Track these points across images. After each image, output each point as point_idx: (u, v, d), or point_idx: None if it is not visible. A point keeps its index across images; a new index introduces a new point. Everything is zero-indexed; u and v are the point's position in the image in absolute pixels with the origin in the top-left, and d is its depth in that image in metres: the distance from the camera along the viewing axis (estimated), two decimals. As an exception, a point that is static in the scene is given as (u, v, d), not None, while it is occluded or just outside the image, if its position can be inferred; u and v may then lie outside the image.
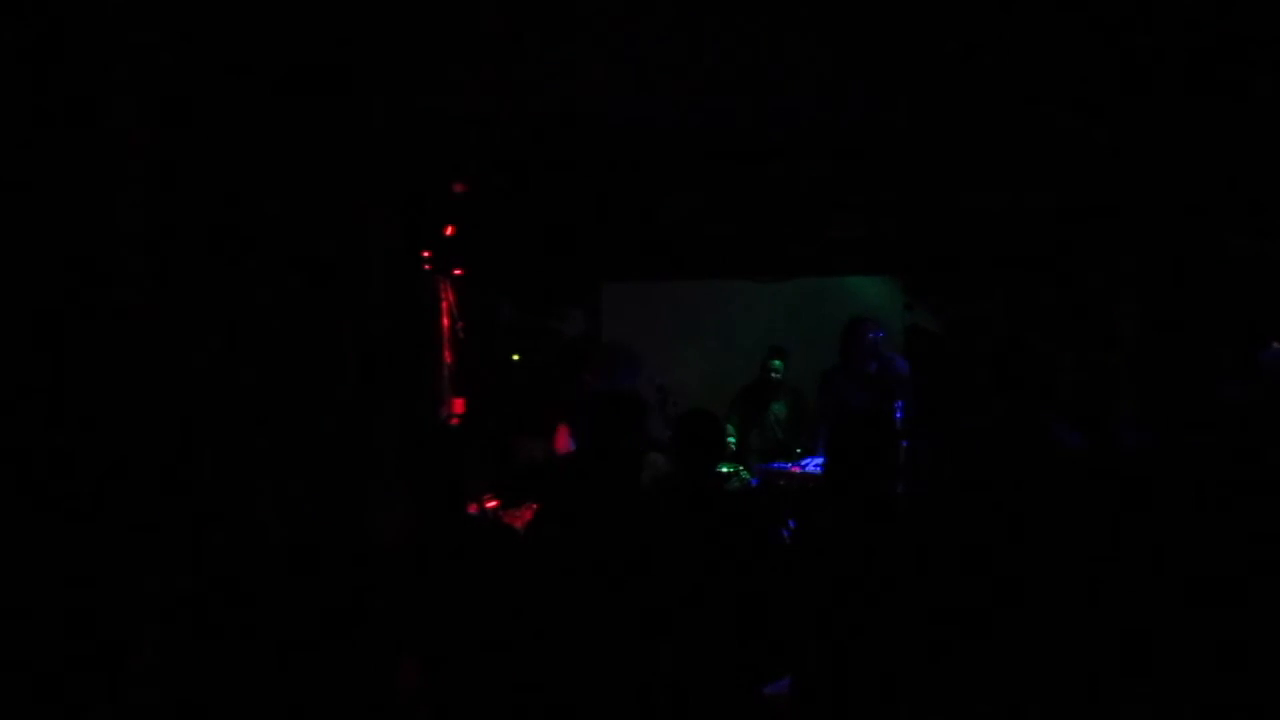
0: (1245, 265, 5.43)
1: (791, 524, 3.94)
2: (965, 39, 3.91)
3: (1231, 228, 5.47)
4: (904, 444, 4.31)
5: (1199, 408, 4.13)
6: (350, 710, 2.90)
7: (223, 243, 3.12)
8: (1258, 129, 4.76)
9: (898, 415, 5.11)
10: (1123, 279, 5.88)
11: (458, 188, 5.20)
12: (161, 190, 2.76)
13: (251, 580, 3.00)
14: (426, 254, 5.37)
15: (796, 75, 4.17)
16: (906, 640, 2.75)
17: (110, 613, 2.49)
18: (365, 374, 4.38)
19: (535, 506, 5.60)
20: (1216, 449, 3.23)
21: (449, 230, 5.46)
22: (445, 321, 5.85)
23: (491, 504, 5.39)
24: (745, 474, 5.78)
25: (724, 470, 5.48)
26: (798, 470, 5.61)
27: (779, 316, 7.42)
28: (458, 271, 5.96)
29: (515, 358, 7.04)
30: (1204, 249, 5.54)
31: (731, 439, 6.32)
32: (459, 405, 6.02)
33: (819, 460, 5.52)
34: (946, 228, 5.71)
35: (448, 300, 5.88)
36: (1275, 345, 4.67)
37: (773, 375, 6.52)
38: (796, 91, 4.34)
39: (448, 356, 5.90)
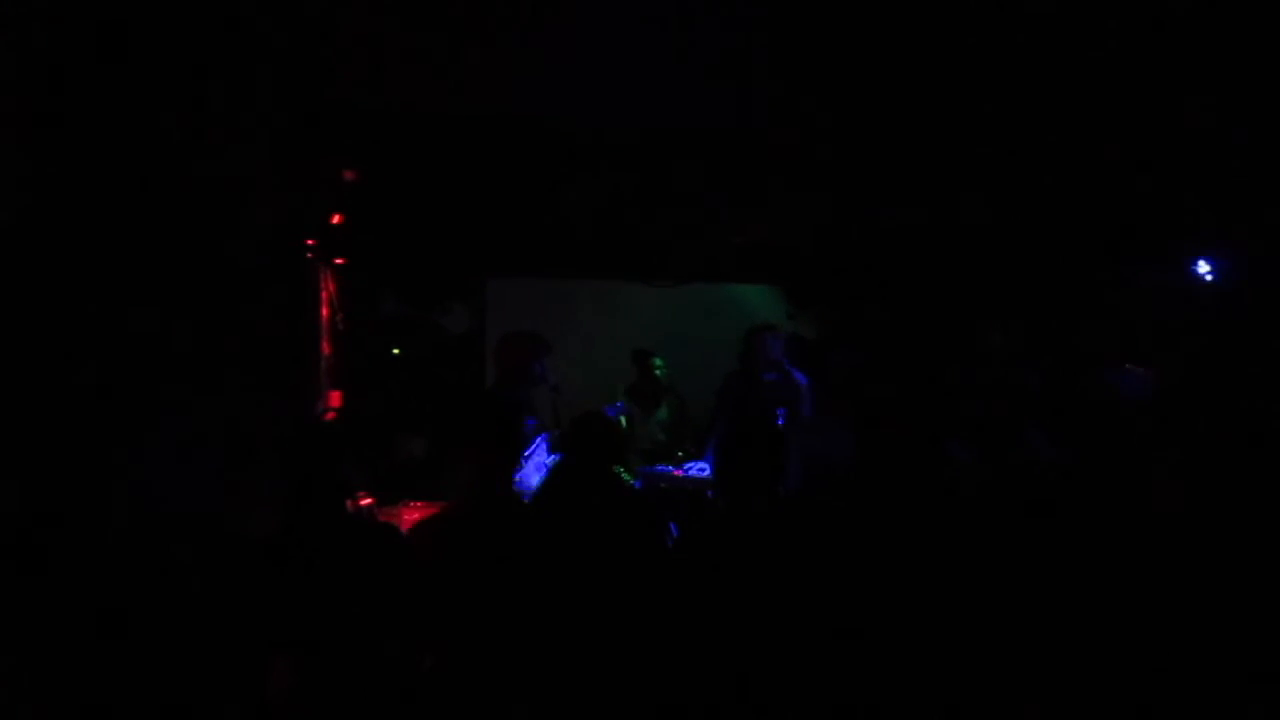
0: (1107, 291, 5.77)
1: (674, 529, 3.96)
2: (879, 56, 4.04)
3: (1094, 259, 5.80)
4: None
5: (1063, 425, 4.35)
6: (221, 711, 2.76)
7: (93, 222, 2.94)
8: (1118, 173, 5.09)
9: (779, 423, 5.21)
10: (992, 302, 6.16)
11: (348, 175, 5.04)
12: (33, 163, 2.59)
13: (113, 576, 2.84)
14: (310, 241, 5.19)
15: (700, 75, 4.21)
16: (790, 644, 2.79)
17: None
18: (238, 362, 4.20)
19: (414, 504, 5.50)
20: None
21: (336, 218, 5.29)
22: (325, 311, 5.66)
23: (366, 501, 5.24)
24: (627, 476, 5.78)
25: (608, 471, 5.47)
26: (680, 474, 5.65)
27: (663, 319, 7.48)
28: (340, 260, 5.79)
29: (396, 351, 6.88)
30: (1071, 276, 5.85)
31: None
32: (335, 398, 5.84)
33: (701, 465, 5.57)
34: (837, 241, 5.86)
35: (328, 290, 5.70)
36: (1127, 368, 4.96)
37: (656, 374, 6.57)
38: (699, 93, 4.37)
39: (326, 348, 5.71)
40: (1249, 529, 2.61)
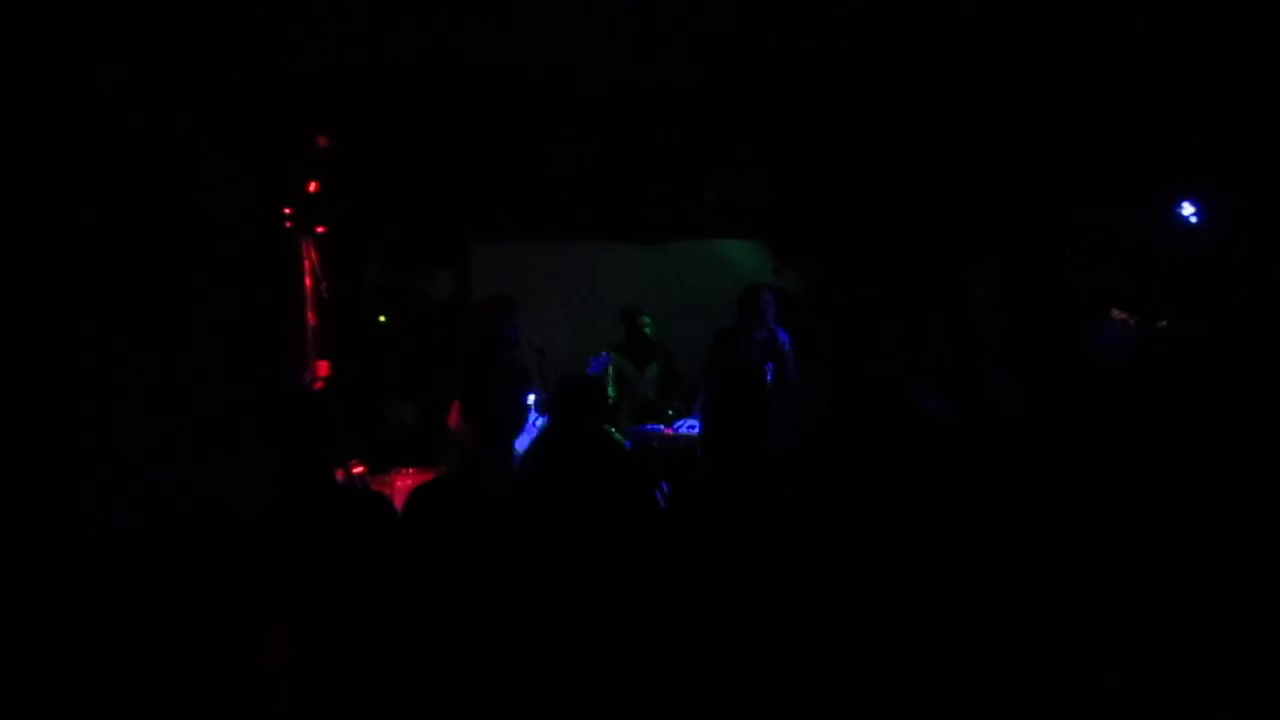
0: (1089, 237, 5.75)
1: (665, 487, 3.97)
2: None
3: (1077, 202, 5.78)
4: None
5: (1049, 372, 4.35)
6: (215, 684, 2.77)
7: (67, 201, 2.90)
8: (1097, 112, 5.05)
9: (769, 378, 5.22)
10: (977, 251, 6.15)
11: (321, 141, 4.97)
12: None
13: (104, 553, 2.83)
14: (288, 211, 5.13)
15: (680, 33, 4.15)
16: (776, 601, 2.81)
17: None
18: (223, 335, 4.18)
19: (407, 471, 5.50)
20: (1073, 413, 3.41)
21: (312, 186, 5.23)
22: (308, 281, 5.63)
23: (358, 470, 5.24)
24: (618, 436, 5.79)
25: (597, 432, 5.47)
26: (670, 433, 5.66)
27: (649, 279, 7.45)
28: (320, 229, 5.74)
29: (382, 319, 6.84)
30: (1052, 222, 5.84)
31: (612, 393, 6.36)
32: (323, 368, 5.82)
33: (692, 423, 5.58)
34: (818, 194, 5.82)
35: (310, 259, 5.66)
36: (1114, 314, 4.95)
37: (645, 332, 6.56)
38: (679, 51, 4.32)
39: (311, 318, 5.68)
40: (1235, 482, 2.62)
